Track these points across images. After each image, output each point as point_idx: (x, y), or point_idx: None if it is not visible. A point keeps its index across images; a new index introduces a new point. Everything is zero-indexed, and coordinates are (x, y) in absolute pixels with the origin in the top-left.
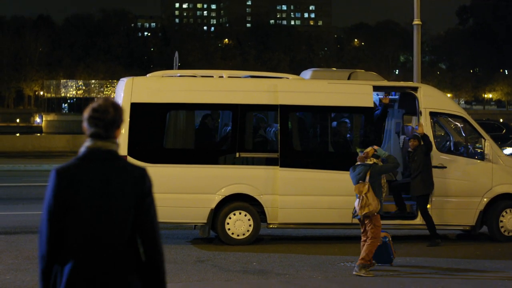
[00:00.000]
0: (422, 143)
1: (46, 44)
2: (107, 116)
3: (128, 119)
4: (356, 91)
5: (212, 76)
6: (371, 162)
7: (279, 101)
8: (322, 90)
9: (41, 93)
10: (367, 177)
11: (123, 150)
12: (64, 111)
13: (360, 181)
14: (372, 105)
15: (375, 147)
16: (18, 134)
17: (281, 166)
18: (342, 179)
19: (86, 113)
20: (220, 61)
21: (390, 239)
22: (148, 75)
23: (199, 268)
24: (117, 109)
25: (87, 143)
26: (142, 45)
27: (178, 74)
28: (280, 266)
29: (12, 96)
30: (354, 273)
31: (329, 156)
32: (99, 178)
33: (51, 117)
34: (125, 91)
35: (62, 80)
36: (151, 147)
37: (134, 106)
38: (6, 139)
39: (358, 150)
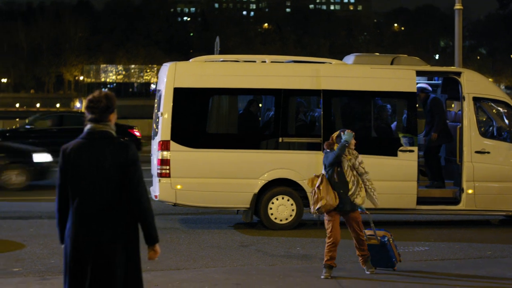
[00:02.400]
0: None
1: (86, 29)
2: (100, 104)
3: (171, 104)
4: (399, 76)
5: (255, 61)
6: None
7: (322, 86)
8: (365, 75)
9: (81, 78)
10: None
11: (166, 135)
12: None
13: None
14: (415, 90)
15: (348, 130)
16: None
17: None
18: (385, 164)
19: (85, 103)
20: (259, 46)
21: (391, 239)
22: (191, 60)
23: (243, 252)
24: (108, 98)
25: (87, 126)
26: (182, 30)
27: (221, 59)
28: (324, 251)
29: (52, 81)
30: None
31: (372, 141)
32: (94, 151)
33: None
34: (168, 76)
35: (102, 65)
36: (194, 132)
37: (177, 91)
38: None
39: (400, 135)
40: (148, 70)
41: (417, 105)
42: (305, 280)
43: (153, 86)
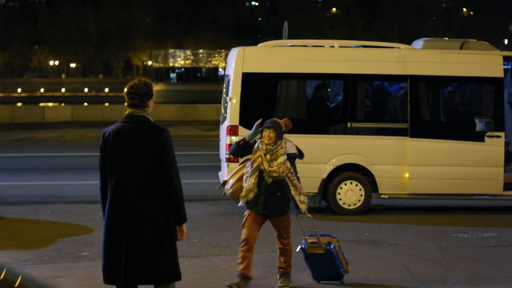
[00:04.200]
0: None
1: (154, 14)
2: (141, 91)
3: (240, 89)
4: (486, 62)
5: (323, 46)
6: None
7: (409, 71)
8: (453, 60)
9: (149, 63)
10: None
11: (234, 120)
12: (172, 81)
13: None
14: (502, 75)
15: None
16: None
17: (411, 137)
18: (472, 149)
19: (126, 89)
20: (327, 31)
21: (338, 246)
22: (259, 45)
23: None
24: (147, 85)
25: (127, 111)
26: (250, 15)
27: (289, 44)
28: (392, 236)
29: (120, 66)
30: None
31: (459, 127)
32: (131, 134)
33: (159, 86)
34: (237, 61)
35: (170, 50)
36: (262, 117)
37: (246, 76)
38: (115, 109)
39: (487, 121)
40: (216, 55)
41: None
42: (373, 265)
43: (221, 71)
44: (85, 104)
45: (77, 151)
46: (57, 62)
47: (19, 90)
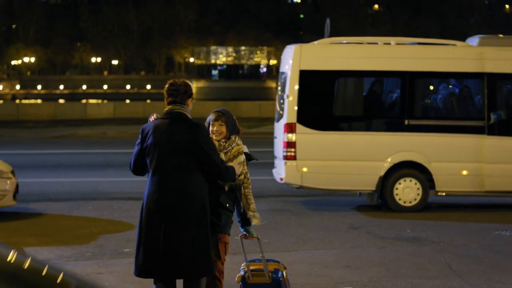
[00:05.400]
0: None
1: (196, 12)
2: (181, 88)
3: (297, 87)
4: None
5: (377, 43)
6: None
7: (486, 69)
8: None
9: (191, 59)
10: None
11: (292, 117)
12: (214, 78)
13: None
14: None
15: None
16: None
17: (488, 134)
18: None
19: (166, 87)
20: (370, 28)
21: (285, 273)
22: (315, 42)
23: (352, 235)
24: (187, 85)
25: (166, 108)
26: (292, 12)
27: (345, 41)
28: (434, 234)
29: (162, 63)
30: None
31: None
32: (167, 130)
33: (201, 83)
34: (294, 58)
35: (212, 47)
36: (319, 114)
37: (303, 74)
38: (157, 106)
39: None
40: (258, 52)
41: None
42: (415, 263)
43: (262, 68)
44: (127, 101)
45: (119, 148)
46: (99, 59)
47: (61, 87)
